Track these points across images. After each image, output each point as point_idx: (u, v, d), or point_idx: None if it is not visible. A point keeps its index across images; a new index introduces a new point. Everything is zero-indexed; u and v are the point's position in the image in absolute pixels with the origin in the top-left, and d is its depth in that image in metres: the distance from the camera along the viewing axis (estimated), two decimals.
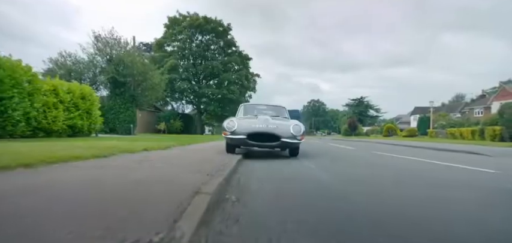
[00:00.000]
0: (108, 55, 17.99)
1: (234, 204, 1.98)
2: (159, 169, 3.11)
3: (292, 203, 2.13)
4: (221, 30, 34.05)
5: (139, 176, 2.58)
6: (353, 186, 2.88)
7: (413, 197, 2.44)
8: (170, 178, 2.59)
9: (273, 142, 4.78)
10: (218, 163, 3.61)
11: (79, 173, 2.63)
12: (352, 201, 2.23)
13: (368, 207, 2.03)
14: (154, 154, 4.76)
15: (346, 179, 3.26)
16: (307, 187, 2.74)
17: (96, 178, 2.43)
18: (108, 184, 2.21)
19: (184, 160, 4.12)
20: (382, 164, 4.93)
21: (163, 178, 2.57)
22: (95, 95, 14.11)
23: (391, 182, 3.20)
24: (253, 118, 5.54)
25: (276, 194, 2.39)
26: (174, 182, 2.36)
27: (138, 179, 2.44)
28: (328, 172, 3.57)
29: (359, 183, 3.05)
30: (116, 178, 2.46)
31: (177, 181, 2.41)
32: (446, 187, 2.98)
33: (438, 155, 7.16)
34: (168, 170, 3.01)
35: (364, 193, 2.53)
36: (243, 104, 7.50)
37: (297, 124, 5.07)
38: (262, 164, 4.21)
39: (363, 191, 2.58)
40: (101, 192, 1.97)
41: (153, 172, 2.83)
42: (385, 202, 2.23)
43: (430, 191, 2.69)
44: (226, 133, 4.89)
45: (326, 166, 4.30)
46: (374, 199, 2.33)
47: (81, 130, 12.79)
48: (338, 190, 2.65)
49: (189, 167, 3.33)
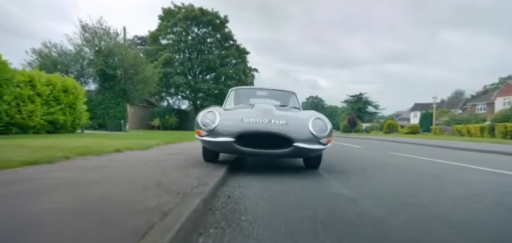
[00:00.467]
0: (96, 47, 16.83)
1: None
2: (109, 182, 2.11)
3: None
4: (218, 23, 32.85)
5: (57, 203, 1.58)
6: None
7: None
8: (114, 203, 1.59)
9: (281, 149, 3.00)
10: (190, 181, 2.62)
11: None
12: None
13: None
14: (123, 157, 3.75)
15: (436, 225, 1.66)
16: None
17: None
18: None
19: (153, 168, 3.12)
20: (444, 178, 3.42)
21: (98, 206, 1.57)
22: (80, 88, 13.02)
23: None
24: (246, 108, 3.72)
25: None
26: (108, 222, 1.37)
27: (55, 208, 1.44)
28: (378, 201, 2.27)
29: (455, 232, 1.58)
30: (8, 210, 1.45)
31: (117, 217, 1.41)
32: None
33: (474, 158, 6.20)
34: (119, 187, 2.01)
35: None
36: (234, 88, 5.20)
37: (318, 117, 3.33)
38: (261, 183, 2.72)
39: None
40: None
41: (94, 192, 1.83)
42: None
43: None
44: (201, 133, 3.14)
45: (363, 184, 2.83)
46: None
47: (63, 126, 11.71)
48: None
49: (152, 181, 2.33)
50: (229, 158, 4.16)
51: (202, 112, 3.40)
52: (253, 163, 4.29)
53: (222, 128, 3.11)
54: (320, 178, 3.18)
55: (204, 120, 3.25)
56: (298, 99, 4.83)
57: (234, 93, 4.95)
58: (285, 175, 3.29)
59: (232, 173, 3.30)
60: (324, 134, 3.16)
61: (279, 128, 3.06)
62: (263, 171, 3.58)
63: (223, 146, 3.11)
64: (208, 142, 3.19)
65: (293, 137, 3.01)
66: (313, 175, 3.31)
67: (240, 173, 3.36)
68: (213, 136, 3.11)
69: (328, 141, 3.19)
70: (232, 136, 3.01)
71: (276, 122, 3.13)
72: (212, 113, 3.31)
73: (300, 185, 2.73)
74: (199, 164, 3.49)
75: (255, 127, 3.07)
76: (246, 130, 3.05)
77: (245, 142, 3.05)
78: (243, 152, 3.08)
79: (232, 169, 3.54)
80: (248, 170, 3.67)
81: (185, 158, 4.08)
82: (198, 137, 3.25)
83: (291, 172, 3.55)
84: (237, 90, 5.21)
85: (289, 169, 3.88)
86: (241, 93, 5.09)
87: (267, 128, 3.06)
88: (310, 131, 3.13)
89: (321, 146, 3.13)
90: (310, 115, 3.40)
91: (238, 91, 5.14)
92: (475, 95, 51.39)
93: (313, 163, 3.66)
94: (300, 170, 3.68)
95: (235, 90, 5.14)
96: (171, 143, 6.67)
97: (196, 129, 3.27)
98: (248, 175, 3.26)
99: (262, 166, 4.06)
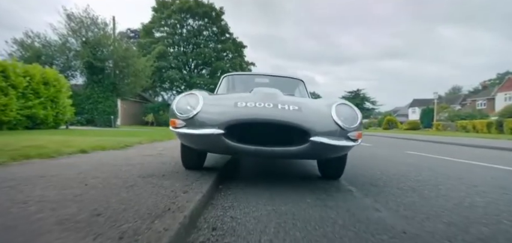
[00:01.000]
0: (83, 37, 15.76)
1: None
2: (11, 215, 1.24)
3: None
4: (214, 15, 31.76)
5: None
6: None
7: None
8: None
9: (291, 146, 2.11)
10: (157, 201, 1.77)
11: None
12: None
13: None
14: (84, 161, 2.86)
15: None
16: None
17: None
18: None
19: (114, 178, 2.25)
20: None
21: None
22: (63, 80, 12.02)
23: None
24: (243, 94, 2.75)
25: None
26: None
27: None
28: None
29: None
30: None
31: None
32: None
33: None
34: (21, 221, 1.15)
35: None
36: (227, 74, 4.16)
37: (343, 102, 2.43)
38: (264, 202, 1.90)
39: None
40: None
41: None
42: None
43: None
44: (177, 123, 2.24)
45: (411, 204, 1.96)
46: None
47: (44, 122, 10.75)
48: None
49: (96, 204, 1.47)
50: (218, 162, 3.29)
51: (178, 97, 2.46)
52: (251, 168, 3.43)
53: (206, 116, 2.18)
54: (344, 192, 2.32)
55: (182, 104, 2.32)
56: (307, 89, 3.88)
57: (226, 81, 3.96)
58: (295, 187, 2.44)
59: (222, 184, 2.44)
60: (353, 125, 2.23)
61: (289, 115, 2.13)
62: (266, 181, 2.71)
63: (207, 141, 2.17)
64: (186, 136, 2.26)
65: (310, 128, 2.07)
66: (334, 188, 2.44)
67: (233, 184, 2.50)
68: (193, 126, 2.17)
69: (358, 135, 2.27)
70: (220, 127, 2.07)
71: (285, 108, 2.19)
72: (193, 96, 2.38)
73: (319, 208, 1.87)
74: (179, 170, 2.63)
75: (253, 113, 2.12)
76: (240, 118, 2.10)
77: (239, 135, 2.12)
78: (236, 150, 2.13)
79: (223, 178, 2.67)
80: (245, 179, 2.79)
81: (165, 160, 3.21)
82: (172, 130, 2.32)
83: (302, 183, 2.69)
84: (231, 76, 4.19)
85: (299, 176, 3.02)
86: (236, 80, 4.11)
87: (272, 115, 2.11)
88: (334, 120, 2.21)
89: (350, 142, 2.20)
90: (332, 101, 2.47)
91: (232, 77, 4.14)
92: (472, 91, 51.04)
93: (334, 169, 2.71)
94: (313, 181, 2.83)
95: (228, 76, 4.12)
96: (156, 141, 5.79)
97: (171, 118, 2.34)
98: (245, 186, 2.40)
99: (265, 173, 3.19)
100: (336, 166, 2.67)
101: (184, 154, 2.66)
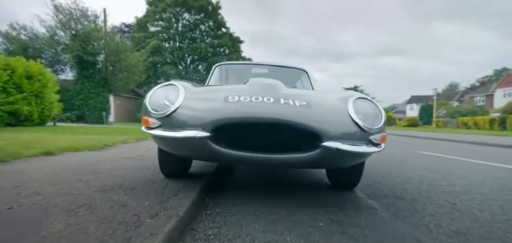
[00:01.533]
0: (72, 30, 15.05)
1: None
2: None
3: None
4: (210, 9, 31.01)
5: None
6: None
7: None
8: None
9: (298, 153, 1.60)
10: (110, 232, 1.24)
11: None
12: None
13: None
14: (44, 166, 2.32)
15: None
16: None
17: None
18: None
19: (68, 190, 1.73)
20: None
21: None
22: (49, 75, 11.35)
23: None
24: (235, 86, 2.24)
25: None
26: None
27: None
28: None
29: None
30: None
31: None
32: None
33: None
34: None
35: None
36: (220, 64, 3.60)
37: (361, 96, 1.94)
38: (263, 223, 1.46)
39: None
40: None
41: None
42: None
43: None
44: (150, 123, 1.76)
45: (464, 229, 1.46)
46: None
47: (29, 118, 10.12)
48: None
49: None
50: (207, 164, 2.77)
51: (156, 86, 1.93)
52: (247, 173, 2.91)
53: (187, 113, 1.68)
54: (365, 210, 1.80)
55: (157, 98, 1.81)
56: (311, 81, 3.34)
57: (219, 71, 3.41)
58: (302, 201, 1.92)
59: (210, 196, 1.92)
60: (376, 125, 1.74)
61: (295, 113, 1.63)
62: (264, 191, 2.20)
63: (188, 146, 1.66)
64: (162, 140, 1.77)
65: (322, 129, 1.58)
66: (350, 203, 1.94)
67: (223, 195, 1.98)
68: (170, 127, 1.67)
69: (383, 139, 1.78)
70: (205, 128, 1.57)
71: (289, 104, 1.70)
72: (172, 87, 1.87)
73: (337, 237, 1.36)
74: (157, 178, 2.10)
75: (249, 111, 1.63)
76: (231, 117, 1.61)
77: (230, 139, 1.64)
78: (225, 158, 1.62)
79: (212, 186, 2.15)
80: (238, 189, 2.27)
81: (144, 164, 2.68)
82: (145, 131, 1.79)
83: (309, 195, 2.18)
84: (224, 65, 3.62)
85: (303, 184, 2.50)
86: (231, 70, 3.56)
87: (272, 113, 1.60)
88: (352, 119, 1.71)
89: (372, 147, 1.70)
90: (346, 95, 1.95)
91: (225, 67, 3.57)
92: (469, 87, 50.88)
93: (349, 176, 2.20)
94: (322, 192, 2.32)
95: (221, 65, 3.56)
96: (142, 140, 5.25)
97: (143, 116, 1.83)
98: (238, 199, 1.88)
99: (263, 180, 2.67)
100: (352, 172, 2.14)
101: (162, 158, 2.13)
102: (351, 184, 2.27)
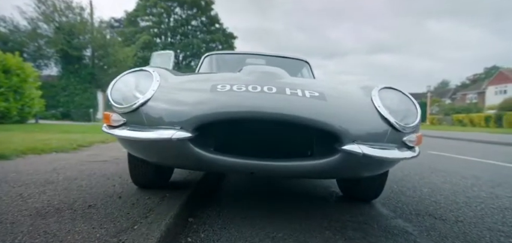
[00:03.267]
0: (56, 23, 14.27)
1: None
2: None
3: None
4: (203, 5, 30.33)
5: None
6: None
7: None
8: None
9: (311, 159, 1.18)
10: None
11: None
12: None
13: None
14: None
15: None
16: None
17: None
18: None
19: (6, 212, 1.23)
20: None
21: None
22: (29, 69, 10.66)
23: None
24: (227, 74, 1.77)
25: None
26: None
27: None
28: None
29: None
30: None
31: None
32: None
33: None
34: None
35: None
36: (210, 54, 3.11)
37: (389, 87, 1.44)
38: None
39: None
40: None
41: None
42: None
43: None
44: (110, 120, 1.26)
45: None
46: None
47: (6, 115, 9.45)
48: None
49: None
50: (193, 174, 2.28)
51: (124, 73, 1.45)
52: (241, 182, 2.43)
53: (160, 107, 1.22)
54: (397, 236, 1.34)
55: (122, 87, 1.35)
56: (314, 74, 2.92)
57: (208, 61, 2.92)
58: (310, 220, 1.45)
59: (194, 214, 1.44)
60: (411, 122, 1.31)
61: (306, 106, 1.19)
62: (263, 206, 1.72)
63: (164, 151, 1.23)
64: (128, 143, 1.33)
65: (342, 128, 1.14)
66: (375, 223, 1.48)
67: (211, 214, 1.50)
68: (137, 125, 1.22)
69: (418, 140, 1.34)
70: (185, 126, 1.12)
71: (298, 94, 1.24)
72: (145, 74, 1.40)
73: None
74: (127, 191, 1.62)
75: (245, 103, 1.19)
76: (221, 111, 1.15)
77: (219, 140, 1.24)
78: (213, 165, 1.18)
79: (199, 199, 1.67)
80: (230, 204, 1.79)
81: (116, 171, 2.18)
82: (105, 131, 1.31)
83: (318, 209, 1.72)
84: (215, 55, 3.13)
85: (311, 195, 2.02)
86: (222, 61, 3.05)
87: (277, 106, 1.15)
88: (380, 114, 1.27)
89: (406, 151, 1.27)
90: (368, 83, 1.52)
91: (216, 57, 3.08)
92: (460, 85, 51.41)
93: (369, 186, 1.72)
94: (332, 207, 1.87)
95: (211, 55, 3.06)
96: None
97: (104, 111, 1.36)
98: (229, 219, 1.41)
99: (261, 191, 2.19)
100: (372, 180, 1.68)
101: (133, 165, 1.65)
102: (370, 195, 1.81)
